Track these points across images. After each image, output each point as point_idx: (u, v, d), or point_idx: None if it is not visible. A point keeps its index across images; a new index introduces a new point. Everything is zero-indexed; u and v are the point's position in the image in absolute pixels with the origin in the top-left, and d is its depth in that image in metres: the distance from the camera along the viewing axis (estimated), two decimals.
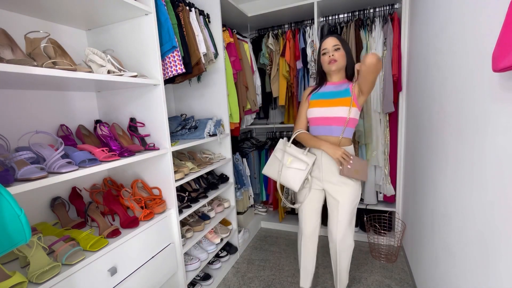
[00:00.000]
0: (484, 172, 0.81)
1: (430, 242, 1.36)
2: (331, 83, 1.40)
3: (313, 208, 1.45)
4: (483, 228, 0.82)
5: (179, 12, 1.55)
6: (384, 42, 2.03)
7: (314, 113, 1.37)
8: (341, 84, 1.37)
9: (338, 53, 1.32)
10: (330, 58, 1.32)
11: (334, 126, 1.33)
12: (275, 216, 2.73)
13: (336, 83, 1.38)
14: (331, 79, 1.40)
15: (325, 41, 1.34)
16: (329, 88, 1.39)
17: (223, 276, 1.89)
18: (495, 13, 0.73)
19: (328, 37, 1.35)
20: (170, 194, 1.41)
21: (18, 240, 0.69)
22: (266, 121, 2.87)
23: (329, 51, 1.33)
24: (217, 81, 1.94)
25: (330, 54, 1.32)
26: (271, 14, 2.27)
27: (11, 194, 0.69)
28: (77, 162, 1.00)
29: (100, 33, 1.40)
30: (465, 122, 0.94)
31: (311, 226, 1.47)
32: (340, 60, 1.32)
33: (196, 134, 1.75)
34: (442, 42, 1.20)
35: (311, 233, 1.49)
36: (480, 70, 0.82)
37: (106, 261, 1.04)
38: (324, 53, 1.35)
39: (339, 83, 1.38)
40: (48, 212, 1.25)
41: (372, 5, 2.16)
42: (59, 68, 0.89)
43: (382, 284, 1.72)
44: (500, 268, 0.73)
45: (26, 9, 1.10)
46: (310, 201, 1.44)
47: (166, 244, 1.37)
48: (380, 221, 2.25)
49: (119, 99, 1.44)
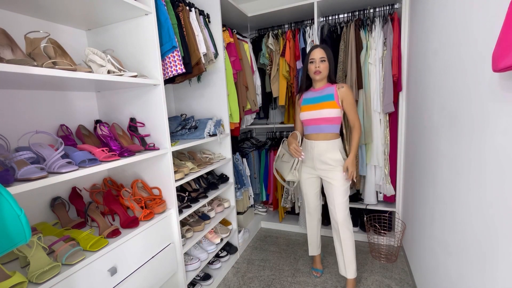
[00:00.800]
0: (483, 172, 0.81)
1: (430, 242, 1.36)
2: (315, 90, 1.66)
3: (312, 192, 1.77)
4: (482, 228, 0.82)
5: (179, 12, 1.55)
6: (384, 42, 2.02)
7: (305, 116, 1.65)
8: (324, 89, 1.62)
9: (323, 64, 1.56)
10: (316, 69, 1.56)
11: (323, 125, 1.60)
12: (275, 216, 2.73)
13: (320, 88, 1.64)
14: (315, 85, 1.67)
15: (314, 52, 1.58)
16: (314, 94, 1.65)
17: (223, 276, 1.89)
18: (495, 13, 0.73)
19: (316, 48, 1.58)
20: (170, 194, 1.41)
21: (18, 240, 0.69)
22: (266, 121, 2.87)
23: (315, 62, 1.56)
24: (217, 81, 1.94)
25: (316, 65, 1.56)
26: (271, 14, 2.27)
27: (11, 194, 0.69)
28: (77, 162, 1.00)
29: (100, 33, 1.40)
30: (465, 122, 0.94)
31: (313, 205, 1.80)
32: (324, 72, 1.58)
33: (196, 134, 1.75)
34: (442, 42, 1.20)
35: (314, 209, 1.82)
36: (480, 70, 0.82)
37: (106, 261, 1.04)
38: (311, 62, 1.59)
39: (323, 88, 1.63)
40: (48, 212, 1.25)
41: (372, 5, 2.16)
42: (59, 68, 0.89)
43: (382, 284, 1.72)
44: (499, 268, 0.73)
45: (26, 9, 1.10)
46: (309, 187, 1.75)
47: (166, 244, 1.37)
48: (380, 221, 2.25)
49: (119, 99, 1.44)
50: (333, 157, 1.58)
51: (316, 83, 1.65)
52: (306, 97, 1.67)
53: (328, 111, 1.56)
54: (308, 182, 1.74)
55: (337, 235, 1.64)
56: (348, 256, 1.62)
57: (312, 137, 1.65)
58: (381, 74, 2.05)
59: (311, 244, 1.90)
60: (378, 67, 2.05)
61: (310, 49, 1.62)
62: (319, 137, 1.62)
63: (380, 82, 2.06)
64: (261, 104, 2.57)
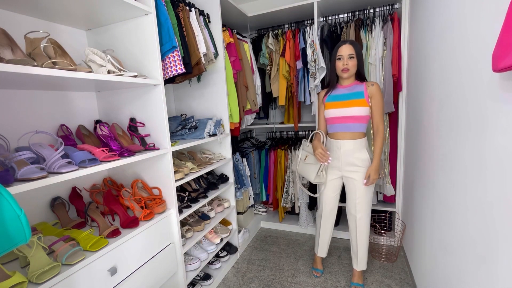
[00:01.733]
0: (484, 172, 0.81)
1: (430, 242, 1.36)
2: (343, 87, 1.59)
3: (332, 194, 1.70)
4: (482, 228, 0.82)
5: (179, 12, 1.55)
6: (384, 42, 2.02)
7: (331, 113, 1.58)
8: (354, 87, 1.55)
9: (351, 62, 1.49)
10: (344, 66, 1.50)
11: (351, 123, 1.53)
12: (275, 216, 2.73)
13: (348, 86, 1.57)
14: (343, 83, 1.60)
15: (342, 48, 1.50)
16: (342, 91, 1.58)
17: (223, 276, 1.89)
18: (495, 13, 0.73)
19: (345, 44, 1.50)
20: (170, 194, 1.41)
21: (18, 240, 0.69)
22: (266, 121, 2.87)
23: (343, 58, 1.49)
24: (217, 81, 1.94)
25: (344, 62, 1.49)
26: (271, 14, 2.27)
27: (11, 194, 0.69)
28: (77, 162, 1.00)
29: (100, 33, 1.40)
30: (465, 122, 0.94)
31: (329, 206, 1.73)
32: (352, 69, 1.51)
33: (196, 134, 1.75)
34: (442, 42, 1.20)
35: (329, 212, 1.75)
36: (480, 70, 0.82)
37: (106, 261, 1.04)
38: (339, 59, 1.51)
39: (351, 86, 1.56)
40: (48, 212, 1.25)
41: (372, 5, 2.16)
42: (59, 68, 0.89)
43: (382, 284, 1.72)
44: (499, 268, 0.73)
45: (26, 9, 1.10)
46: (330, 188, 1.68)
47: (166, 244, 1.37)
48: (380, 221, 2.25)
49: (119, 99, 1.44)
50: (360, 157, 1.53)
51: (344, 81, 1.58)
52: (332, 93, 1.61)
53: (358, 109, 1.49)
54: (332, 184, 1.67)
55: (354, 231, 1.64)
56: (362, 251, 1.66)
57: (338, 136, 1.58)
58: (381, 74, 2.05)
59: (322, 247, 1.85)
60: (378, 67, 2.05)
61: (338, 45, 1.53)
62: (346, 136, 1.55)
63: (380, 82, 2.06)
64: (261, 104, 2.57)
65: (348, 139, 1.54)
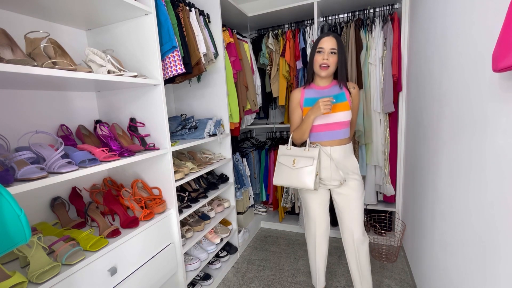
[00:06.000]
0: (483, 172, 0.81)
1: (430, 242, 1.36)
2: (321, 88, 1.39)
3: (324, 208, 1.46)
4: (482, 228, 0.82)
5: (179, 12, 1.55)
6: (384, 42, 2.03)
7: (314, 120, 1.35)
8: (332, 88, 1.38)
9: (332, 58, 1.29)
10: (324, 61, 1.29)
11: (336, 131, 1.36)
12: (275, 216, 2.73)
13: (327, 87, 1.38)
14: (320, 83, 1.40)
15: (324, 40, 1.30)
16: (321, 93, 1.37)
17: (223, 276, 1.89)
18: (495, 13, 0.73)
19: (328, 36, 1.30)
20: (170, 194, 1.41)
21: (18, 240, 0.69)
22: (266, 121, 2.87)
23: (324, 52, 1.29)
24: (217, 81, 1.94)
25: (325, 56, 1.29)
26: (271, 14, 2.27)
27: (11, 194, 0.69)
28: (77, 162, 1.00)
29: (100, 33, 1.40)
30: (465, 121, 0.94)
31: (323, 225, 1.48)
32: (332, 67, 1.31)
33: (196, 134, 1.75)
34: (442, 42, 1.20)
35: (324, 231, 1.49)
36: (480, 70, 0.82)
37: (106, 261, 1.04)
38: (319, 52, 1.31)
39: (330, 87, 1.38)
40: (48, 212, 1.25)
41: (372, 5, 2.16)
42: (59, 68, 0.89)
43: (382, 284, 1.72)
44: (499, 269, 0.73)
45: (26, 9, 1.10)
46: (320, 202, 1.44)
47: (166, 244, 1.37)
48: (380, 221, 2.25)
49: (119, 99, 1.44)
50: (353, 163, 1.40)
51: (321, 80, 1.38)
52: (309, 96, 1.38)
53: (344, 114, 1.33)
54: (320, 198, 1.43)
55: (354, 252, 1.42)
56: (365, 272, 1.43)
57: (325, 144, 1.37)
58: (381, 74, 2.05)
59: (319, 277, 1.58)
60: (378, 67, 2.05)
61: (320, 36, 1.32)
62: (334, 143, 1.37)
63: (380, 82, 2.06)
64: (261, 104, 2.57)
65: (337, 145, 1.37)
